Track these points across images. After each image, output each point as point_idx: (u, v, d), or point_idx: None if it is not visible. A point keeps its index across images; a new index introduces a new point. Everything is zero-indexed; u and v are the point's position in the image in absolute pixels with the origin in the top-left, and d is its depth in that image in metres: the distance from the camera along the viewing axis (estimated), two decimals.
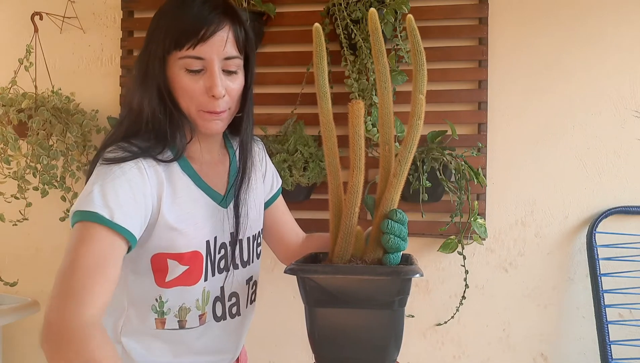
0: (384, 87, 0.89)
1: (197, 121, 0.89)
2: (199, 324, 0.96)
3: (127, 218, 0.79)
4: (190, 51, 0.84)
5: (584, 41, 1.70)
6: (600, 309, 1.62)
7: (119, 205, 0.79)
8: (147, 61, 0.87)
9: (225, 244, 0.98)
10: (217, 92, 0.86)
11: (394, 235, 0.85)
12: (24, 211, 1.71)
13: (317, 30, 0.86)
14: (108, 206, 0.78)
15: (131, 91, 0.90)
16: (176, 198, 0.89)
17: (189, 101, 0.87)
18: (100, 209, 0.77)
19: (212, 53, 0.85)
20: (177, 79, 0.86)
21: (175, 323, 0.93)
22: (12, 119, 1.66)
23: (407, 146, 0.85)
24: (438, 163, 1.62)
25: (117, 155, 0.84)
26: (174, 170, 0.90)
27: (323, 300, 0.84)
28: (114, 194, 0.79)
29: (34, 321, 1.96)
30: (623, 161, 1.69)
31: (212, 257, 0.95)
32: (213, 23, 0.84)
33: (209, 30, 0.83)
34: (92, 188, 0.80)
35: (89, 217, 0.77)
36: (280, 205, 1.16)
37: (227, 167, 1.01)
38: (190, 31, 0.83)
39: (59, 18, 1.91)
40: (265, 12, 1.74)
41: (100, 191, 0.79)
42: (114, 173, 0.82)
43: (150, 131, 0.88)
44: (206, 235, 0.93)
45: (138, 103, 0.88)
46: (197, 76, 0.86)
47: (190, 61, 0.84)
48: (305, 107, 1.76)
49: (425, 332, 1.78)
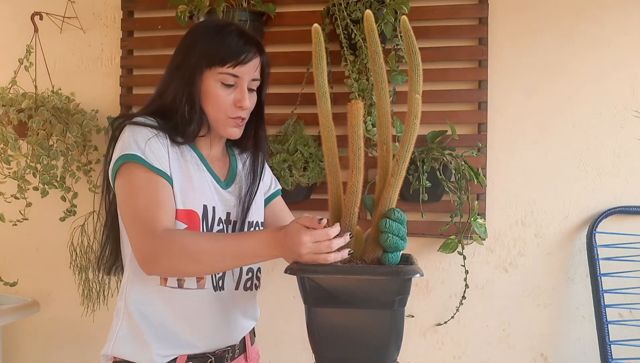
0: (381, 88, 0.89)
1: (221, 126, 1.05)
2: (197, 287, 1.01)
3: (161, 162, 0.98)
4: (230, 70, 1.02)
5: (584, 41, 1.70)
6: (600, 309, 1.62)
7: (153, 153, 0.97)
8: (187, 64, 1.03)
9: (221, 220, 1.06)
10: (246, 105, 1.04)
11: (393, 234, 0.85)
12: (24, 211, 1.72)
13: (317, 30, 0.87)
14: (142, 150, 0.97)
15: (166, 82, 1.05)
16: (182, 165, 1.03)
17: (218, 109, 1.04)
18: (138, 152, 0.97)
19: (245, 74, 1.03)
20: (212, 90, 1.03)
21: (174, 282, 1.00)
22: (12, 119, 1.66)
23: (405, 145, 0.85)
24: (438, 163, 1.62)
25: (143, 121, 1.02)
26: (185, 149, 1.05)
27: (323, 300, 0.84)
28: (147, 145, 0.98)
29: (34, 321, 1.96)
30: (623, 161, 1.69)
31: (207, 222, 1.03)
32: (251, 52, 1.04)
33: (248, 57, 1.03)
34: (127, 139, 0.98)
35: (130, 159, 0.96)
36: (279, 203, 1.23)
37: (227, 165, 1.13)
38: (234, 54, 1.02)
39: (59, 18, 1.91)
40: (265, 12, 1.74)
41: (134, 141, 0.98)
42: (143, 131, 1.00)
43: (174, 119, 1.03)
44: (204, 200, 1.03)
45: (172, 97, 1.03)
46: (229, 90, 1.03)
47: (227, 77, 1.02)
48: (305, 107, 1.76)
49: (425, 332, 1.78)
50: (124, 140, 0.99)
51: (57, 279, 1.93)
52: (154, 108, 1.06)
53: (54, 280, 1.94)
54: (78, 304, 1.81)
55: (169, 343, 1.01)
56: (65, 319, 1.95)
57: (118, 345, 1.01)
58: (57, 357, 1.97)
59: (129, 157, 0.96)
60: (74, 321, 1.91)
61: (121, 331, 1.02)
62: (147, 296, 1.01)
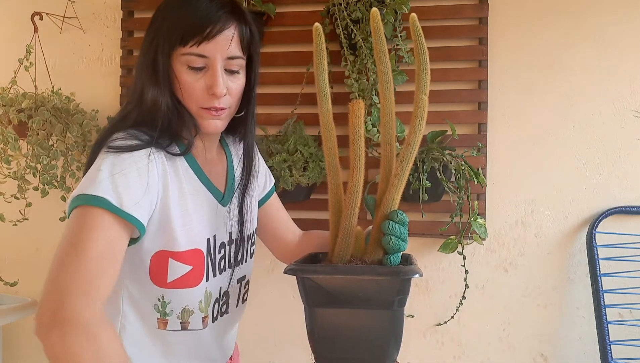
0: (385, 88, 0.88)
1: (197, 119, 0.88)
2: (202, 327, 0.94)
3: (137, 206, 0.76)
4: (194, 48, 0.83)
5: (584, 41, 1.70)
6: (600, 309, 1.62)
7: (129, 193, 0.76)
8: (154, 55, 0.85)
9: (224, 243, 0.97)
10: (218, 92, 0.85)
11: (395, 236, 0.85)
12: (24, 211, 1.71)
13: (317, 30, 0.86)
14: (117, 192, 0.75)
15: (140, 83, 0.87)
16: (181, 193, 0.88)
17: (189, 98, 0.86)
18: (108, 195, 0.74)
19: (215, 52, 0.84)
20: (179, 75, 0.85)
21: (177, 325, 0.91)
22: (12, 119, 1.66)
23: (409, 146, 0.85)
24: (438, 163, 1.62)
25: (127, 143, 0.81)
26: (179, 164, 0.89)
27: (323, 300, 0.84)
28: (124, 181, 0.76)
29: (33, 321, 1.96)
30: (623, 161, 1.69)
31: (212, 256, 0.94)
32: (219, 22, 0.83)
33: (215, 29, 0.83)
34: (97, 173, 0.76)
35: (94, 202, 0.73)
36: (274, 203, 1.15)
37: (225, 167, 1.01)
38: (195, 28, 0.82)
39: (59, 18, 1.91)
40: (265, 12, 1.74)
41: (109, 176, 0.76)
42: (123, 161, 0.78)
43: (159, 124, 0.86)
44: (207, 233, 0.92)
45: (152, 99, 0.86)
46: (199, 73, 0.85)
47: (192, 58, 0.84)
48: (305, 107, 1.76)
49: (425, 332, 1.78)
50: (94, 172, 0.77)
51: None
52: (135, 118, 0.87)
53: None
54: None
55: None
56: None
57: None
58: None
59: (91, 199, 0.73)
60: None
61: None
62: (145, 338, 0.91)
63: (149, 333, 0.91)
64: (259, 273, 1.10)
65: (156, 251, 0.87)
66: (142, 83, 0.87)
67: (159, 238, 0.86)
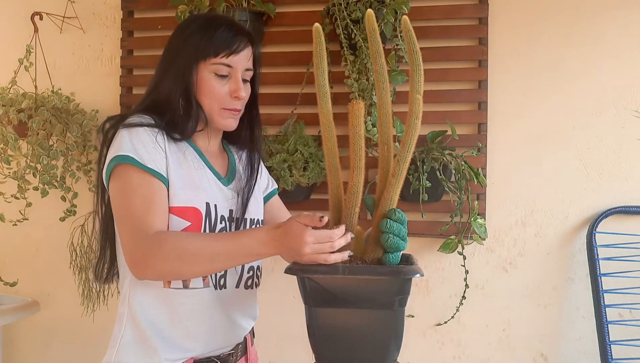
0: (382, 88, 0.89)
1: (217, 118, 1.05)
2: (203, 285, 1.00)
3: (156, 163, 0.97)
4: (224, 59, 1.02)
5: (584, 41, 1.70)
6: (600, 309, 1.62)
7: (147, 152, 0.96)
8: (180, 57, 1.03)
9: (224, 217, 1.05)
10: (241, 95, 1.04)
11: (393, 234, 0.85)
12: (24, 211, 1.72)
13: (317, 30, 0.87)
14: (138, 153, 0.95)
15: (159, 76, 1.05)
16: (182, 163, 1.02)
17: (213, 100, 1.03)
18: (132, 153, 0.95)
19: (238, 63, 1.04)
20: (206, 81, 1.03)
21: (179, 283, 0.99)
22: (12, 119, 1.66)
23: (406, 145, 0.85)
24: (438, 163, 1.62)
25: (138, 120, 1.00)
26: (183, 145, 1.04)
27: (323, 300, 0.84)
28: (142, 146, 0.96)
29: (34, 321, 1.96)
30: (623, 161, 1.69)
31: (211, 221, 1.02)
32: (243, 42, 1.04)
33: (240, 47, 1.04)
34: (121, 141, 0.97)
35: (125, 160, 0.95)
36: (276, 202, 1.23)
37: (226, 162, 1.13)
38: (226, 44, 1.03)
39: (59, 18, 1.91)
40: (265, 12, 1.74)
41: (129, 143, 0.96)
42: (137, 132, 0.98)
43: (170, 114, 1.02)
44: (206, 198, 1.02)
45: (167, 91, 1.03)
46: (223, 80, 1.03)
47: (221, 67, 1.02)
48: (305, 107, 1.76)
49: (425, 332, 1.78)
50: (117, 141, 0.98)
51: (57, 279, 1.93)
52: (147, 105, 1.05)
53: (54, 280, 1.94)
54: (78, 304, 1.80)
55: (175, 347, 0.99)
56: (65, 319, 1.95)
57: (122, 352, 0.99)
58: (57, 357, 1.97)
59: (122, 158, 0.95)
60: (74, 321, 1.91)
61: (125, 337, 0.99)
62: (152, 300, 0.99)
63: (155, 293, 0.99)
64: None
65: None
66: (160, 77, 1.05)
67: None
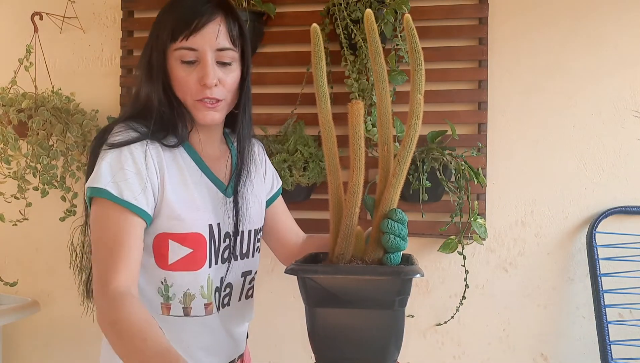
0: (381, 88, 0.89)
1: (193, 112, 0.93)
2: (205, 313, 0.96)
3: (136, 194, 0.85)
4: (184, 42, 0.88)
5: (584, 41, 1.70)
6: (600, 309, 1.62)
7: (127, 185, 0.84)
8: (150, 54, 0.92)
9: (229, 234, 0.99)
10: (208, 82, 0.88)
11: (394, 235, 0.85)
12: (24, 211, 1.71)
13: (315, 30, 0.86)
14: (117, 184, 0.84)
15: (138, 81, 0.95)
16: (180, 180, 0.92)
17: (184, 92, 0.91)
18: (110, 187, 0.84)
19: (204, 44, 0.88)
20: (175, 71, 0.90)
21: (180, 310, 0.94)
22: (12, 119, 1.66)
23: (406, 145, 0.85)
24: (438, 163, 1.62)
25: (124, 138, 0.88)
26: (179, 154, 0.94)
27: (323, 300, 0.83)
28: (123, 175, 0.85)
29: (34, 321, 1.96)
30: (623, 161, 1.69)
31: (215, 244, 0.96)
32: (205, 14, 0.88)
33: (201, 22, 0.87)
34: (100, 167, 0.86)
35: (99, 193, 0.84)
36: (279, 205, 1.18)
37: (229, 162, 1.04)
38: (183, 23, 0.87)
39: (59, 18, 1.91)
40: (265, 12, 1.74)
41: (109, 171, 0.85)
42: (121, 154, 0.87)
43: (155, 118, 0.91)
44: (209, 219, 0.95)
45: (145, 94, 0.92)
46: (192, 67, 0.89)
47: (184, 52, 0.88)
48: (305, 107, 1.76)
49: (425, 332, 1.78)
50: (98, 167, 0.86)
51: (57, 279, 1.93)
52: (132, 112, 0.94)
53: (54, 280, 1.94)
54: (78, 304, 1.79)
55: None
56: (65, 319, 1.95)
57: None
58: (57, 357, 1.97)
59: (98, 192, 0.84)
60: (74, 321, 1.90)
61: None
62: None
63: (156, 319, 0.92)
64: (259, 272, 1.11)
65: (157, 234, 0.92)
66: (139, 81, 0.94)
67: (159, 221, 0.91)
